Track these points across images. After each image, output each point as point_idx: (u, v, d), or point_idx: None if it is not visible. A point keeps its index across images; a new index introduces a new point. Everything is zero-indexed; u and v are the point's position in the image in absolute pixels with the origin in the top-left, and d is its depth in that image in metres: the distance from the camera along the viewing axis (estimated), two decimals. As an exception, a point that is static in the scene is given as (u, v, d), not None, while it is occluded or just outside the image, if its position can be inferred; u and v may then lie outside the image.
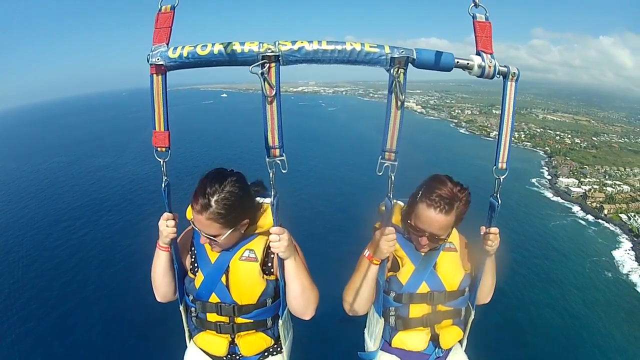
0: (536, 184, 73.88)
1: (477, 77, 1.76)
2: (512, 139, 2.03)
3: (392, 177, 1.82)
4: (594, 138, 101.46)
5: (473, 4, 1.74)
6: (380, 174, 1.79)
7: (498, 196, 2.03)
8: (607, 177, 76.15)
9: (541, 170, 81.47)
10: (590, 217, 62.32)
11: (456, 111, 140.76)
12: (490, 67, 1.75)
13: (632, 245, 53.57)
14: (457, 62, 1.73)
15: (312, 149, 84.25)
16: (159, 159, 1.89)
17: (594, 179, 75.03)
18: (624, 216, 60.89)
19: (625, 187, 70.63)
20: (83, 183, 69.16)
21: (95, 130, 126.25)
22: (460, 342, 2.49)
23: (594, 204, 65.53)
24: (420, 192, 2.12)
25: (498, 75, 1.81)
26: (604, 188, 70.22)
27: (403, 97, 1.68)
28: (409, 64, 1.66)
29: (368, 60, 1.63)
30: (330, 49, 1.61)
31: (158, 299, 2.29)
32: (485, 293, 2.39)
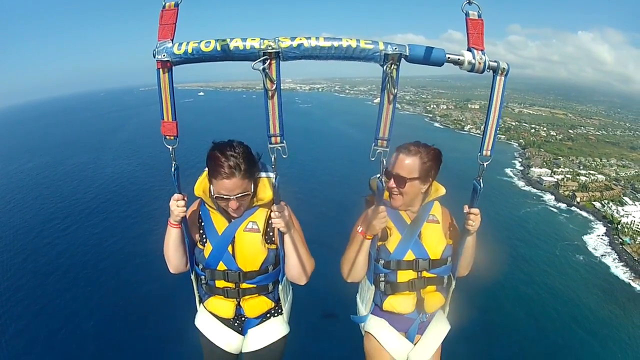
0: (508, 174, 73.98)
1: (468, 71, 1.82)
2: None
3: (384, 162, 1.95)
4: (570, 131, 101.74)
5: (466, 1, 1.79)
6: (373, 159, 1.91)
7: (481, 180, 2.17)
8: (581, 167, 76.45)
9: (513, 161, 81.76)
10: (562, 205, 62.62)
11: (431, 106, 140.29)
12: (480, 63, 1.80)
13: (605, 231, 54.14)
14: (449, 57, 1.78)
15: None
16: (168, 146, 1.99)
17: (567, 169, 75.22)
18: (597, 204, 61.18)
19: (600, 177, 70.99)
20: (70, 182, 67.98)
21: (76, 130, 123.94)
22: (443, 309, 2.68)
23: (567, 193, 65.68)
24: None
25: (488, 70, 1.86)
26: (578, 177, 70.52)
27: (395, 91, 1.76)
28: (402, 59, 1.71)
29: (363, 57, 1.69)
30: (327, 46, 1.67)
31: (171, 271, 2.45)
32: (464, 266, 2.55)
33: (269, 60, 1.66)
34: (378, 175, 2.10)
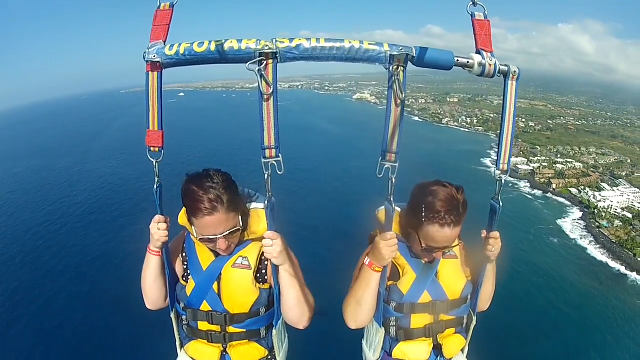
0: (485, 163, 73.84)
1: (478, 75, 1.71)
2: (466, 124, 1.97)
3: (393, 180, 1.70)
4: (549, 121, 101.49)
5: (471, 3, 1.69)
6: (381, 176, 1.69)
7: (499, 199, 1.94)
8: (559, 156, 76.88)
9: (489, 151, 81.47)
10: (537, 192, 63.48)
11: (410, 100, 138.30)
12: (490, 65, 1.69)
13: (581, 215, 55.30)
14: (457, 60, 1.66)
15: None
16: (152, 159, 1.79)
17: (544, 158, 75.58)
18: (574, 190, 61.99)
19: (578, 164, 71.44)
20: (60, 185, 67.53)
21: (62, 134, 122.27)
22: (462, 349, 2.38)
23: (542, 180, 66.28)
24: (424, 215, 1.89)
25: (499, 75, 1.74)
26: (554, 165, 70.99)
27: (403, 95, 1.62)
28: (409, 62, 1.60)
29: (367, 58, 1.58)
30: (328, 47, 1.56)
31: (148, 306, 2.13)
32: (485, 300, 2.26)
33: (265, 62, 1.54)
34: (383, 208, 1.89)
